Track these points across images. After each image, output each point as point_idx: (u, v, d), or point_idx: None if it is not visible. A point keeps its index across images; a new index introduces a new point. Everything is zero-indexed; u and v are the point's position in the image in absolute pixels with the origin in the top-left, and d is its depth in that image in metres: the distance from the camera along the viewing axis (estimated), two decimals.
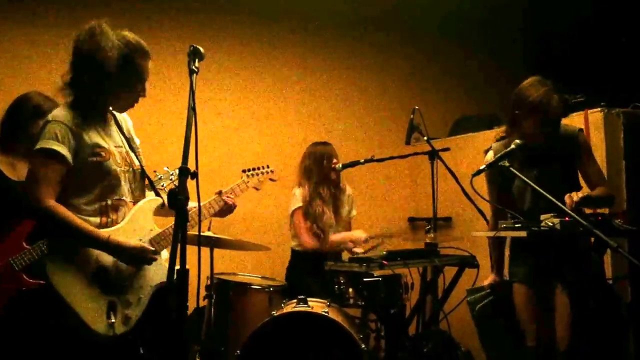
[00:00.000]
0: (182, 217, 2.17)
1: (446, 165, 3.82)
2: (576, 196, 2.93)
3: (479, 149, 3.64)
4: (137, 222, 2.66)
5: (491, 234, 3.25)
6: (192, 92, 2.30)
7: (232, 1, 5.40)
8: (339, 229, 4.55)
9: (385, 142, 5.70)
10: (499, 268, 3.47)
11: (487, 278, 3.50)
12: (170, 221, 2.74)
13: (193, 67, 2.34)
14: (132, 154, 2.74)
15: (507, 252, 3.44)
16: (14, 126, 3.31)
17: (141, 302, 2.61)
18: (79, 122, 2.56)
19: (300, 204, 4.40)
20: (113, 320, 2.51)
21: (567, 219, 2.75)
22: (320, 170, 4.44)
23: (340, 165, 4.29)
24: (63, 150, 2.50)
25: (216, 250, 4.04)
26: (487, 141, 3.41)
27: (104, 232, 2.53)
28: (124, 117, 2.83)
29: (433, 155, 3.95)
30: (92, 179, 2.57)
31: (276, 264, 4.68)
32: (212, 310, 3.91)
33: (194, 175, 2.24)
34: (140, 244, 2.59)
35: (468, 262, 3.70)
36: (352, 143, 5.62)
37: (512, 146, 3.05)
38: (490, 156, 3.30)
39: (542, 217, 2.89)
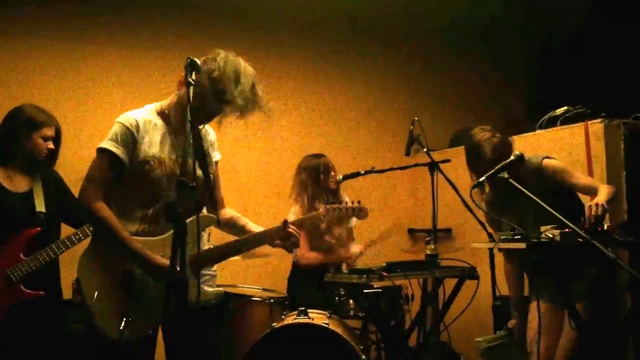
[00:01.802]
0: (180, 230, 2.16)
1: (446, 176, 3.81)
2: (595, 208, 2.88)
3: None
4: None
5: (491, 245, 3.24)
6: (189, 104, 2.31)
7: (225, 12, 5.35)
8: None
9: (386, 154, 5.68)
10: (519, 309, 3.43)
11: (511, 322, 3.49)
12: (229, 237, 2.85)
13: (190, 80, 2.35)
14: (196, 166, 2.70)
15: None
16: (7, 139, 3.33)
17: (158, 315, 2.58)
18: (143, 128, 2.61)
19: None
20: (123, 326, 2.51)
21: (566, 230, 2.75)
22: (317, 182, 4.40)
23: (341, 177, 4.28)
24: (118, 151, 2.57)
25: None
26: None
27: (137, 243, 2.55)
28: (207, 130, 2.85)
29: (433, 166, 3.95)
30: (138, 185, 2.61)
31: (277, 275, 4.65)
32: None
33: (193, 188, 2.24)
34: (163, 262, 2.54)
35: (468, 273, 3.69)
36: (352, 154, 5.62)
37: (512, 157, 3.05)
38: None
39: (542, 228, 2.88)
